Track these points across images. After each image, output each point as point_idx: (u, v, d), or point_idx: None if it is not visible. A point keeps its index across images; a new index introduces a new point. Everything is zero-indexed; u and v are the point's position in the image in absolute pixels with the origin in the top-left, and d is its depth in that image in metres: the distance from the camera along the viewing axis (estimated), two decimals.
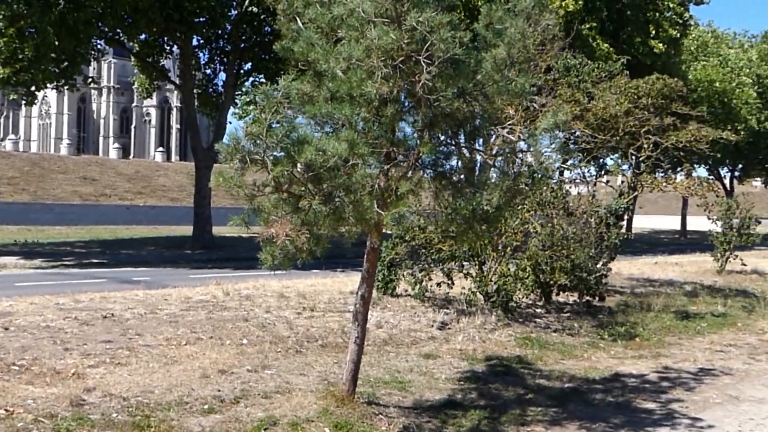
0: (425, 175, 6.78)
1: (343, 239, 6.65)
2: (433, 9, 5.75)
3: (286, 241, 5.87)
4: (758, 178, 71.58)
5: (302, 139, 5.88)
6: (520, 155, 7.52)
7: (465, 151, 7.19)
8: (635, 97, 15.52)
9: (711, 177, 59.05)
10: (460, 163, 7.04)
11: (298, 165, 5.91)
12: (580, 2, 30.70)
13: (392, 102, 5.98)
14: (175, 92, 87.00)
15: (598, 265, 14.42)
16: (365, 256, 7.21)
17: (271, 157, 5.86)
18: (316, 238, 6.08)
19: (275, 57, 24.51)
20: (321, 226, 5.99)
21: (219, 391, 7.58)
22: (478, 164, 7.75)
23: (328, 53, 6.06)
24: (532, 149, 6.76)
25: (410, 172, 6.51)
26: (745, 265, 22.20)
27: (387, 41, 5.72)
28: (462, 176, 7.07)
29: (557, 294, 14.39)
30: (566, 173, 17.19)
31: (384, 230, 7.26)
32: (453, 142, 6.94)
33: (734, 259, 21.99)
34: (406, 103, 6.51)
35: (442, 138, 6.73)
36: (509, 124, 8.48)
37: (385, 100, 5.96)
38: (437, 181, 6.74)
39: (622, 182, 18.39)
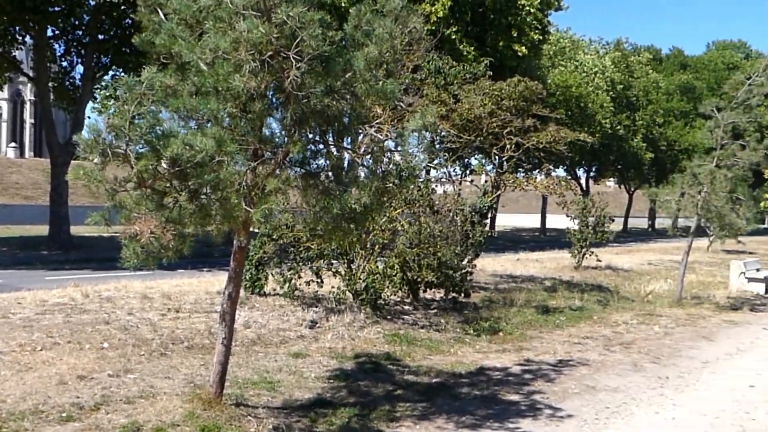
0: (293, 173, 6.70)
1: (209, 237, 6.49)
2: (303, 5, 5.69)
3: (150, 239, 5.65)
4: (612, 179, 75.43)
5: (168, 134, 5.69)
6: (388, 154, 7.57)
7: (334, 149, 7.16)
8: (498, 98, 15.96)
9: (569, 177, 61.78)
10: (328, 161, 7.00)
11: (164, 160, 5.70)
12: (448, 7, 31.38)
13: (260, 97, 5.87)
14: (29, 85, 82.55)
15: (464, 263, 14.76)
16: (232, 255, 7.07)
17: (135, 152, 5.63)
18: (182, 237, 5.89)
19: (135, 50, 23.64)
20: (186, 223, 5.81)
21: (78, 397, 7.24)
22: (347, 163, 7.74)
23: (192, 45, 5.87)
24: (400, 149, 6.80)
25: (278, 170, 6.41)
26: (600, 261, 23.33)
27: (256, 35, 5.61)
28: (330, 175, 7.03)
29: (425, 291, 14.62)
30: (432, 172, 17.50)
31: (252, 228, 7.15)
32: (322, 141, 6.90)
33: (590, 255, 23.07)
34: (275, 100, 6.41)
35: (311, 136, 6.67)
36: (377, 123, 8.52)
37: (252, 96, 5.85)
38: (305, 179, 6.68)
39: (486, 181, 18.89)
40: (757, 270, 22.87)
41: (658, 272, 24.42)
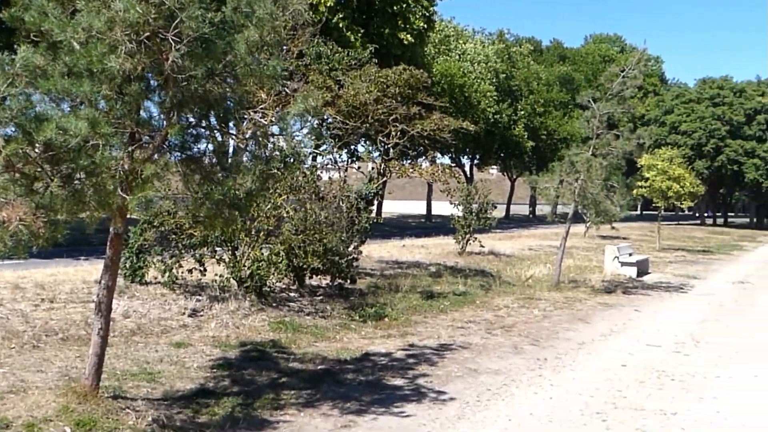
0: (173, 158, 6.50)
1: (84, 224, 6.23)
2: None
3: (20, 227, 5.37)
4: (495, 166, 77.23)
5: (41, 117, 5.41)
6: (273, 139, 7.48)
7: (216, 134, 7.00)
8: (384, 85, 16.03)
9: (453, 164, 62.88)
10: (210, 146, 6.84)
11: (36, 144, 5.42)
12: None
13: (137, 80, 5.66)
14: None
15: (350, 249, 14.80)
16: (108, 243, 6.81)
17: (4, 135, 5.34)
18: (54, 224, 5.62)
19: (4, 26, 22.48)
20: (59, 210, 5.55)
21: None
22: (230, 148, 7.59)
23: (65, 24, 5.59)
24: (283, 133, 6.72)
25: (156, 155, 6.21)
26: (483, 246, 23.87)
27: (133, 15, 5.39)
28: (213, 160, 6.88)
29: (311, 277, 14.58)
30: (319, 159, 17.45)
31: (130, 215, 6.92)
32: (203, 125, 6.73)
33: (474, 241, 23.57)
34: (153, 82, 6.20)
35: (192, 120, 6.49)
36: (261, 108, 8.41)
37: (129, 78, 5.63)
38: (186, 164, 6.49)
39: (373, 168, 18.97)
40: (630, 255, 23.98)
41: (538, 257, 25.22)
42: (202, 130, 6.67)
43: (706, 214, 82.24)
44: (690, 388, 9.31)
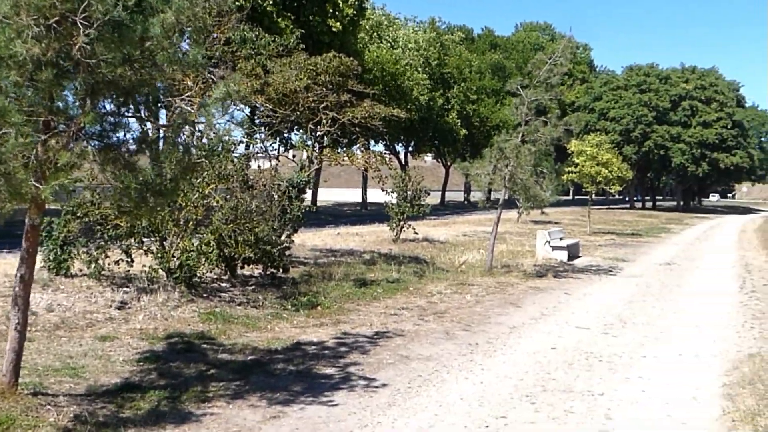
0: (90, 146, 6.30)
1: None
2: None
3: None
4: (429, 154, 77.70)
5: None
6: (199, 126, 7.32)
7: (136, 121, 6.83)
8: (314, 73, 15.90)
9: (387, 152, 62.97)
10: (129, 134, 6.66)
11: None
12: None
13: (48, 65, 5.45)
14: None
15: (282, 238, 14.68)
16: (24, 235, 6.58)
17: None
18: None
19: None
20: None
21: None
22: (153, 136, 7.41)
23: None
24: (204, 120, 6.57)
25: (72, 143, 6.01)
26: (417, 233, 23.99)
27: None
28: (133, 148, 6.69)
29: (242, 267, 14.42)
30: (250, 147, 17.22)
31: (49, 206, 6.70)
32: (121, 112, 6.54)
33: (408, 228, 23.67)
34: (68, 68, 5.99)
35: (109, 107, 6.30)
36: (187, 96, 8.22)
37: (40, 64, 5.42)
38: (104, 153, 6.30)
39: (307, 156, 18.83)
40: (561, 239, 24.38)
41: (472, 243, 25.43)
42: (120, 117, 6.47)
43: (635, 198, 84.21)
44: (617, 368, 9.49)
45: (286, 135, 34.43)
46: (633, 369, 9.47)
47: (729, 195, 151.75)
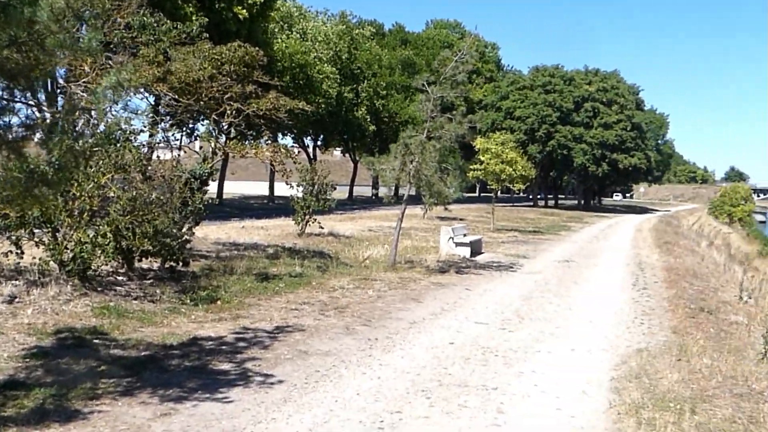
0: None
1: None
2: None
3: None
4: (338, 148, 77.66)
5: None
6: (93, 113, 7.07)
7: (23, 106, 6.53)
8: (219, 63, 15.61)
9: (296, 146, 62.66)
10: (16, 119, 6.36)
11: None
12: None
13: None
14: None
15: (183, 230, 14.37)
16: None
17: None
18: None
19: None
20: None
21: None
22: (41, 122, 7.10)
23: None
24: (95, 107, 6.34)
25: None
26: (322, 228, 23.90)
27: None
28: (20, 134, 6.39)
29: (140, 260, 14.03)
30: (153, 137, 16.78)
31: None
32: (7, 96, 6.23)
33: (313, 222, 23.56)
34: None
35: None
36: (83, 82, 7.94)
37: None
38: None
39: (211, 148, 18.49)
40: (464, 235, 24.72)
41: (377, 238, 25.53)
42: (5, 102, 6.17)
43: (538, 197, 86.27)
44: (512, 363, 9.67)
45: (191, 125, 33.78)
46: (527, 364, 9.67)
47: (627, 195, 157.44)
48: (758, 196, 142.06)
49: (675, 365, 9.59)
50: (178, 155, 15.93)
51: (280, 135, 56.03)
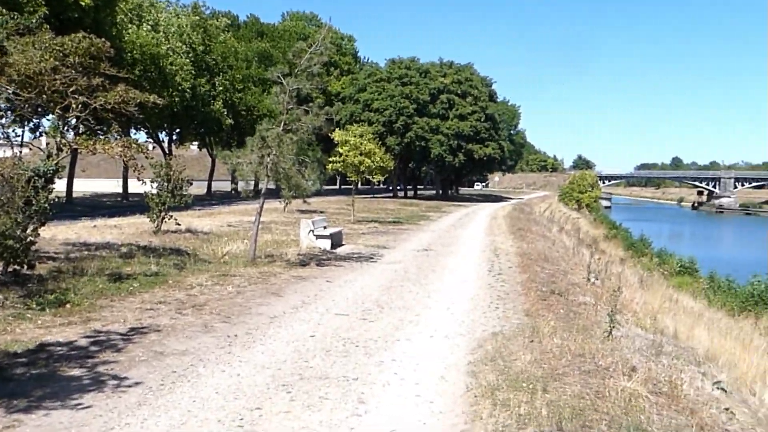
0: None
1: None
2: None
3: None
4: (195, 142, 75.90)
5: None
6: None
7: None
8: (62, 54, 14.82)
9: (150, 141, 60.80)
10: None
11: None
12: None
13: None
14: None
15: (27, 232, 13.60)
16: None
17: None
18: None
19: None
20: None
21: None
22: None
23: None
24: None
25: None
26: (179, 224, 23.33)
27: None
28: None
29: None
30: None
31: None
32: None
33: (169, 219, 22.92)
34: None
35: None
36: None
37: None
38: None
39: (56, 144, 17.58)
40: (325, 227, 24.74)
41: (237, 233, 25.13)
42: None
43: (398, 187, 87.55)
44: (372, 353, 9.76)
45: (35, 120, 32.02)
46: (387, 353, 9.78)
47: (483, 184, 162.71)
48: (604, 182, 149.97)
49: (528, 346, 9.96)
50: (20, 152, 15.02)
51: (133, 130, 54.16)
